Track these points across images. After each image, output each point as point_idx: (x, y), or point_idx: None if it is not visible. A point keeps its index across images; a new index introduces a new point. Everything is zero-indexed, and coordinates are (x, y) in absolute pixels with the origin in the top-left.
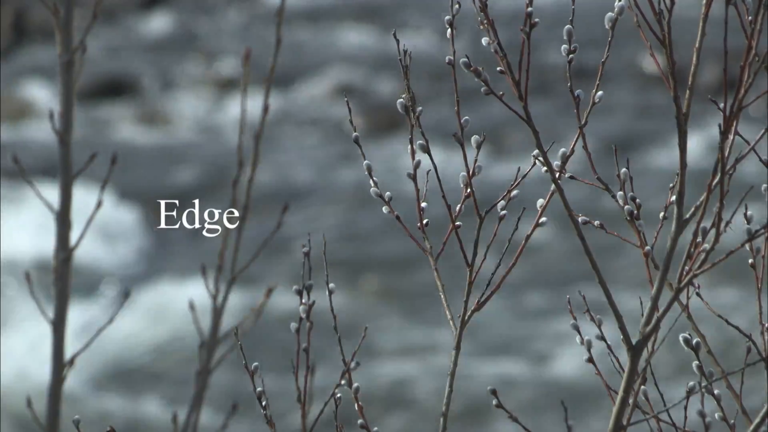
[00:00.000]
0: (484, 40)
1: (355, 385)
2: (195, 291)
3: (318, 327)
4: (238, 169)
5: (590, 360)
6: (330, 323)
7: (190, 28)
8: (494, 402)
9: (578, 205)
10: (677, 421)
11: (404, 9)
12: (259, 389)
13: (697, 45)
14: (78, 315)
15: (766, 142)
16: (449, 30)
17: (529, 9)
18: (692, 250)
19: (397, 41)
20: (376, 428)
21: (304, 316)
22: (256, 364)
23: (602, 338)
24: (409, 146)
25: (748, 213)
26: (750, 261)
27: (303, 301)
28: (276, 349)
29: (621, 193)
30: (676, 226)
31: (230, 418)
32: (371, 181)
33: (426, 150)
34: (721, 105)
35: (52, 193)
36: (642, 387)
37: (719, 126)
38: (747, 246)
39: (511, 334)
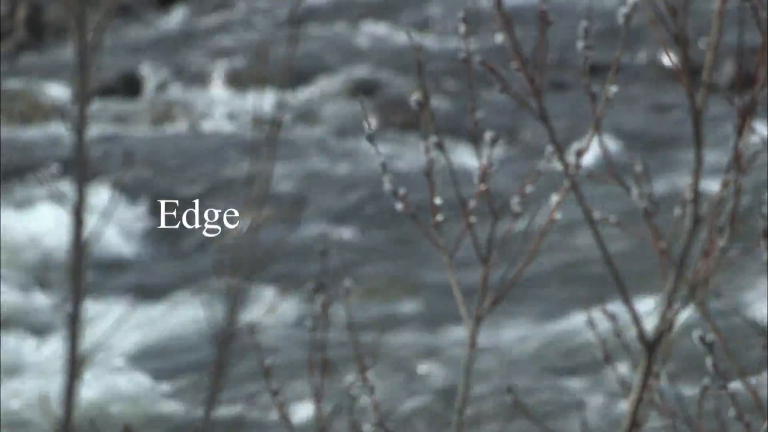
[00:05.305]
0: (499, 38)
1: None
2: (208, 287)
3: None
4: (252, 166)
5: (605, 357)
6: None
7: (207, 24)
8: (511, 400)
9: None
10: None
11: (415, 6)
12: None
13: (712, 41)
14: (92, 309)
15: None
16: (462, 27)
17: (544, 7)
18: (708, 247)
19: (411, 38)
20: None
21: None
22: (269, 360)
23: (617, 335)
24: (424, 143)
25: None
26: (765, 257)
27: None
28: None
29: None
30: (692, 224)
31: (244, 414)
32: (385, 178)
33: (440, 147)
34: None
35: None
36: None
37: (735, 123)
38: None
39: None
